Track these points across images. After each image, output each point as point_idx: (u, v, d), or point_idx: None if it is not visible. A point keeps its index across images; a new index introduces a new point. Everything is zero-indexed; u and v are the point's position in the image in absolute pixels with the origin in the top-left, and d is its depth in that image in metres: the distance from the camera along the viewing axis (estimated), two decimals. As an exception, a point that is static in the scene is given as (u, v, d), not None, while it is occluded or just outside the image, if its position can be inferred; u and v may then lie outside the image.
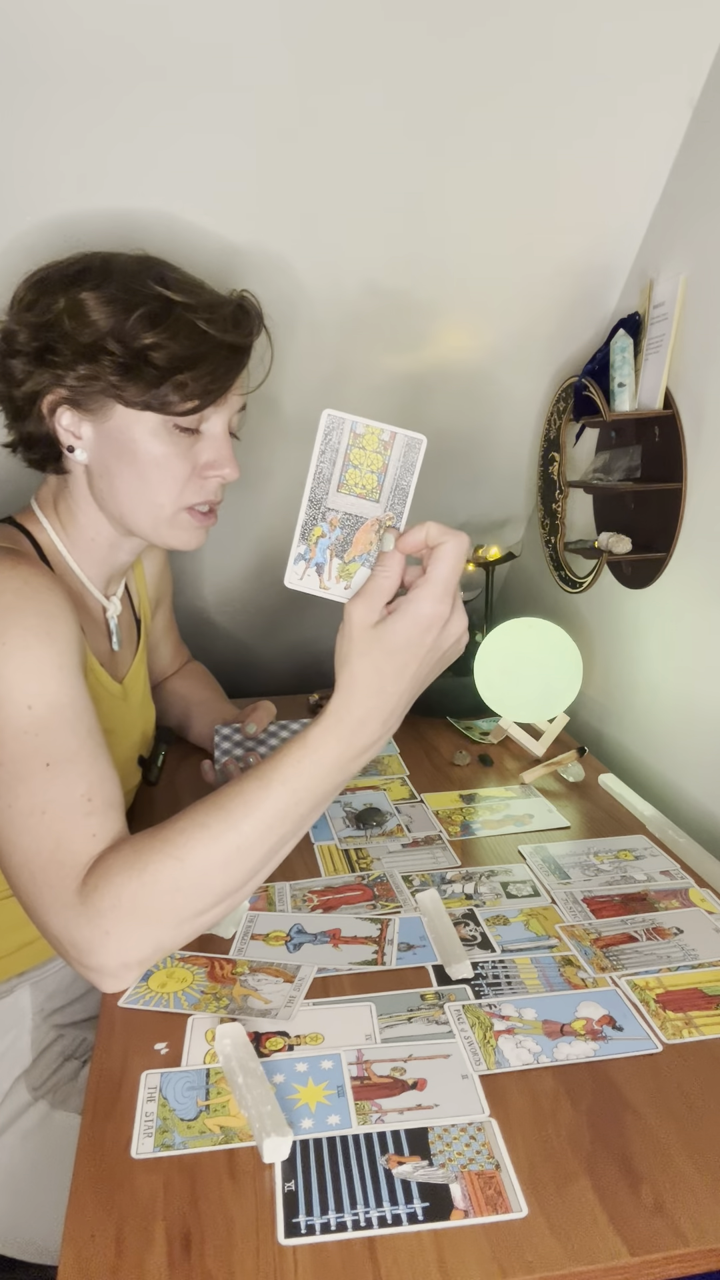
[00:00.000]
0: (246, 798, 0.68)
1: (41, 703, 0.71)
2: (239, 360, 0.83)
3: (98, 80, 0.85)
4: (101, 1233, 0.51)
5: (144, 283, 0.79)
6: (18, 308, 0.81)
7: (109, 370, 0.78)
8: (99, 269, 0.80)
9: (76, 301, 0.78)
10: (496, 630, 1.20)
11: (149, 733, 1.09)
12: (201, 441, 0.84)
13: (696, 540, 1.02)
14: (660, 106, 0.96)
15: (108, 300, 0.78)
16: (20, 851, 0.68)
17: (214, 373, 0.80)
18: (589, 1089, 0.61)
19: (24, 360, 0.80)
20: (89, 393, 0.79)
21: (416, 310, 1.15)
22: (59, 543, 0.89)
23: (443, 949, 0.75)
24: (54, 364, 0.79)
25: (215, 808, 0.68)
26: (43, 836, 0.68)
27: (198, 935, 0.72)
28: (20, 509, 0.91)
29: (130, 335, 0.77)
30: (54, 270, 0.81)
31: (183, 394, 0.79)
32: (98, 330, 0.77)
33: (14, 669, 0.70)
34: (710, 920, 0.80)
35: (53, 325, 0.78)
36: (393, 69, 0.89)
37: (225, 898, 0.69)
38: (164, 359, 0.77)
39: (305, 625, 1.63)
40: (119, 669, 0.99)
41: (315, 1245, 0.50)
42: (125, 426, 0.81)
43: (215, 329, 0.79)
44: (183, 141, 0.91)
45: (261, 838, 0.67)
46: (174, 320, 0.78)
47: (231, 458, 0.86)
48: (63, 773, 0.70)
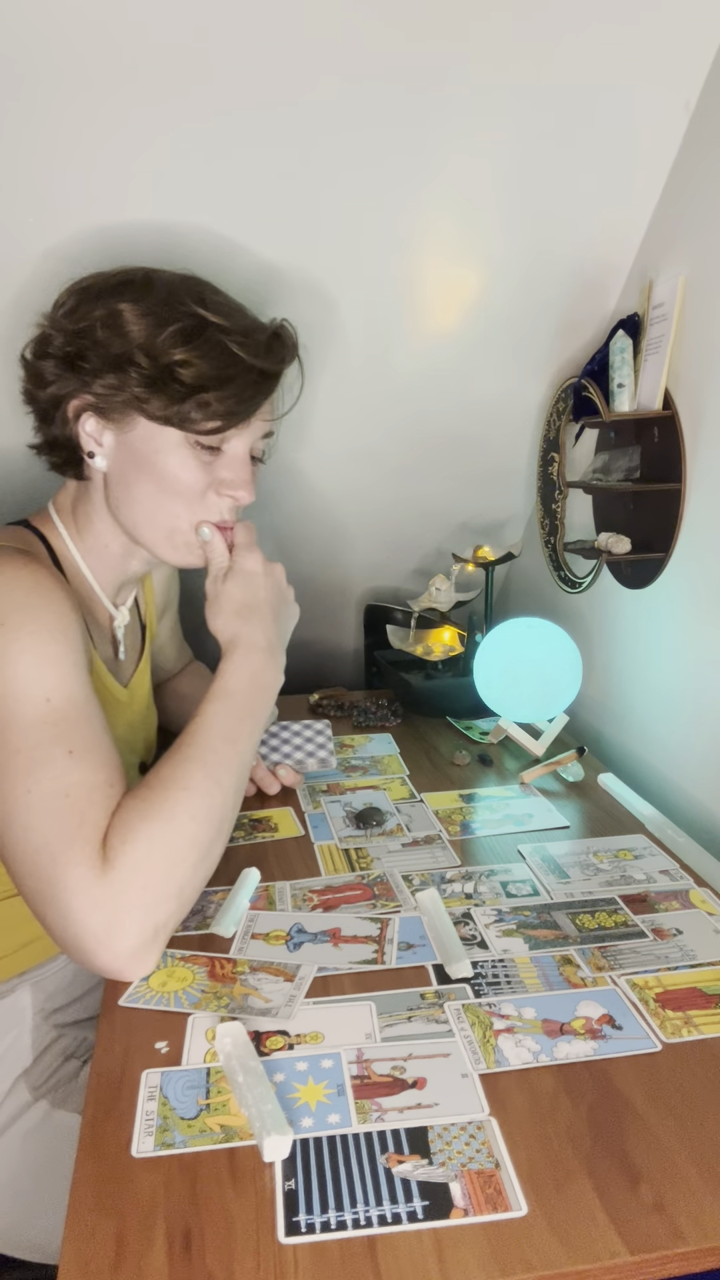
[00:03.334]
0: (197, 742, 0.77)
1: (60, 695, 0.72)
2: (267, 386, 0.84)
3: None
4: (101, 1232, 0.51)
5: (182, 300, 0.80)
6: (57, 312, 0.82)
7: (135, 382, 0.78)
8: (141, 283, 0.81)
9: (114, 312, 0.79)
10: (496, 630, 1.20)
11: (151, 740, 1.10)
12: (221, 460, 0.85)
13: (696, 540, 1.03)
14: (659, 108, 0.96)
15: (144, 314, 0.79)
16: (40, 834, 0.68)
17: (240, 395, 0.81)
18: (588, 1088, 0.61)
19: (55, 364, 0.81)
20: (114, 402, 0.80)
21: (416, 310, 1.15)
22: (72, 548, 0.89)
23: (442, 948, 0.75)
24: (83, 370, 0.80)
25: (183, 760, 0.75)
26: (66, 817, 0.68)
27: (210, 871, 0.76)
28: (37, 512, 0.92)
29: (160, 350, 0.78)
30: (98, 280, 0.83)
31: (206, 413, 0.80)
32: (129, 342, 0.78)
33: (32, 663, 0.72)
34: (710, 921, 0.80)
35: (87, 333, 0.79)
36: (394, 70, 0.89)
37: (222, 823, 0.76)
38: (191, 376, 0.78)
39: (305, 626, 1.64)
40: (123, 675, 0.99)
41: (315, 1244, 0.50)
42: (147, 438, 0.81)
43: (247, 352, 0.80)
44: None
45: (219, 775, 0.77)
46: (206, 339, 0.79)
47: (248, 481, 0.86)
48: (86, 759, 0.71)
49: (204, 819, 0.74)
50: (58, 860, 0.67)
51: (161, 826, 0.71)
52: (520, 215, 1.05)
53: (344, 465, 1.35)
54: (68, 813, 0.69)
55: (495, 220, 1.05)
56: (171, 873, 0.71)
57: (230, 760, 0.78)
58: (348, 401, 1.24)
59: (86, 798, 0.70)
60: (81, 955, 0.68)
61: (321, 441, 1.29)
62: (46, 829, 0.68)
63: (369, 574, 1.59)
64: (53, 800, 0.69)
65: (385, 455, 1.35)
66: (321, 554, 1.51)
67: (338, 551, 1.52)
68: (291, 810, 1.04)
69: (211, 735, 0.78)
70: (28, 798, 0.69)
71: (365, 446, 1.33)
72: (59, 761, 0.70)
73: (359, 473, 1.37)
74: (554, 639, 1.18)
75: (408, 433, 1.32)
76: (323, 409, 1.22)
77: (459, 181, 1.00)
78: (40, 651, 0.72)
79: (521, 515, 1.52)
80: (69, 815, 0.69)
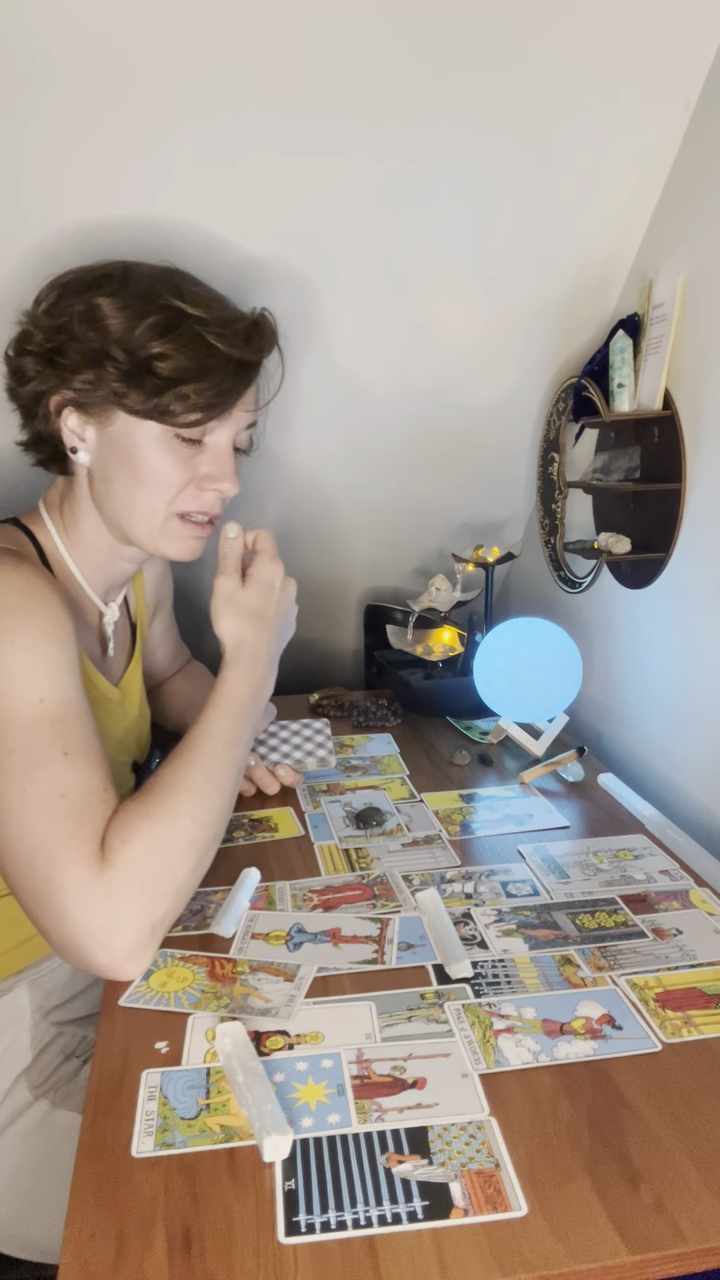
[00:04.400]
0: (200, 747, 0.78)
1: (54, 696, 0.73)
2: (246, 376, 0.84)
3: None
4: (101, 1232, 0.51)
5: (159, 293, 0.79)
6: (37, 308, 0.82)
7: (113, 377, 0.78)
8: (119, 276, 0.81)
9: (92, 306, 0.79)
10: (496, 630, 1.20)
11: (144, 739, 1.10)
12: (204, 453, 0.85)
13: (696, 540, 1.03)
14: (659, 109, 0.96)
15: (121, 308, 0.78)
16: (36, 834, 0.68)
17: (219, 386, 0.80)
18: (588, 1088, 0.61)
19: (35, 360, 0.81)
20: (94, 397, 0.80)
21: (416, 311, 1.15)
22: (61, 546, 0.89)
23: (442, 948, 0.75)
24: (62, 366, 0.80)
25: (185, 764, 0.77)
26: (63, 817, 0.69)
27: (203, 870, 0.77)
28: (27, 510, 0.92)
29: (137, 344, 0.78)
30: (77, 275, 0.82)
31: (185, 405, 0.79)
32: (106, 337, 0.78)
33: (26, 665, 0.72)
34: (710, 921, 0.80)
35: (65, 328, 0.79)
36: (393, 73, 0.89)
37: (218, 821, 0.78)
38: (169, 369, 0.78)
39: (305, 626, 1.63)
40: (113, 674, 0.99)
41: (315, 1244, 0.50)
42: (127, 432, 0.81)
43: (224, 343, 0.80)
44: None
45: (219, 780, 0.78)
46: (183, 332, 0.79)
47: (232, 473, 0.86)
48: (81, 760, 0.72)
49: (204, 821, 0.75)
50: (54, 860, 0.67)
51: (163, 827, 0.71)
52: (520, 215, 1.05)
53: (344, 465, 1.35)
54: (65, 813, 0.69)
55: (495, 220, 1.05)
56: (170, 873, 0.71)
57: (229, 765, 0.80)
58: (348, 401, 1.24)
59: (84, 799, 0.70)
60: (78, 955, 0.68)
61: (321, 441, 1.29)
62: (43, 829, 0.68)
63: (369, 574, 1.59)
64: (49, 801, 0.69)
65: (385, 455, 1.35)
66: (321, 554, 1.51)
67: (338, 551, 1.52)
68: (291, 810, 1.04)
69: (215, 740, 0.79)
70: (23, 798, 0.69)
71: (365, 446, 1.33)
72: (55, 762, 0.70)
73: (359, 472, 1.37)
74: (554, 639, 1.18)
75: (408, 433, 1.32)
76: (323, 409, 1.23)
77: (458, 181, 1.00)
78: (35, 653, 0.72)
79: (521, 515, 1.52)
80: (66, 816, 0.69)
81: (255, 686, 0.85)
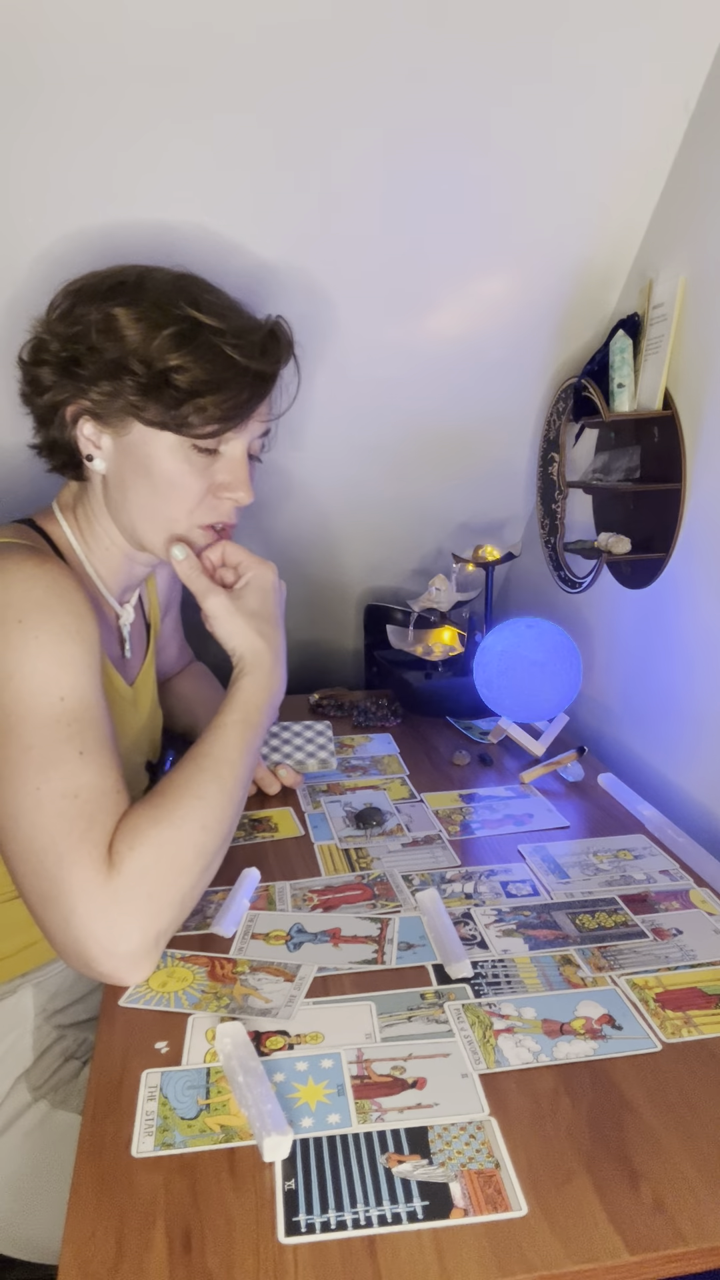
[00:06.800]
0: (214, 754, 0.78)
1: (74, 696, 0.73)
2: (263, 388, 0.83)
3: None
4: (101, 1232, 0.51)
5: (176, 303, 0.79)
6: (52, 315, 0.82)
7: (130, 389, 0.78)
8: (134, 284, 0.80)
9: (108, 316, 0.78)
10: (496, 630, 1.20)
11: (156, 738, 1.10)
12: (219, 462, 0.84)
13: (696, 540, 1.03)
14: (659, 109, 0.96)
15: (138, 318, 0.78)
16: (47, 834, 0.68)
17: (236, 398, 0.80)
18: (588, 1088, 0.61)
19: (51, 370, 0.81)
20: (111, 408, 0.80)
21: (416, 310, 1.15)
22: (77, 546, 0.89)
23: (442, 948, 0.75)
24: (78, 376, 0.79)
25: (198, 770, 0.77)
26: (75, 818, 0.68)
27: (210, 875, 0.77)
28: (40, 510, 0.92)
29: (155, 355, 0.77)
30: (91, 282, 0.82)
31: (202, 416, 0.79)
32: (124, 348, 0.78)
33: (49, 662, 0.72)
34: (710, 921, 0.80)
35: (81, 338, 0.79)
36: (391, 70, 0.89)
37: (226, 824, 0.78)
38: (186, 381, 0.78)
39: (305, 626, 1.64)
40: (129, 673, 1.00)
41: (315, 1244, 0.50)
42: (143, 442, 0.81)
43: (242, 355, 0.79)
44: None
45: (231, 789, 0.78)
46: (201, 343, 0.78)
47: (246, 482, 0.86)
48: (96, 761, 0.72)
49: (213, 829, 0.75)
50: (64, 861, 0.67)
51: (171, 834, 0.71)
52: (520, 215, 1.05)
53: (344, 465, 1.35)
54: (77, 814, 0.69)
55: (495, 220, 1.05)
56: (177, 880, 0.71)
57: (241, 773, 0.80)
58: (348, 401, 1.24)
59: (96, 801, 0.70)
60: (81, 959, 0.68)
61: (321, 441, 1.29)
62: (55, 829, 0.68)
63: (369, 574, 1.59)
64: (62, 800, 0.69)
65: (385, 455, 1.35)
66: (321, 554, 1.51)
67: (337, 551, 1.52)
68: (291, 810, 1.04)
69: (228, 748, 0.79)
70: (37, 795, 0.69)
71: (365, 446, 1.33)
72: (70, 761, 0.70)
73: (359, 472, 1.37)
74: (554, 639, 1.18)
75: (408, 432, 1.32)
76: (323, 409, 1.22)
77: (459, 181, 1.00)
78: (58, 651, 0.72)
79: (521, 515, 1.52)
80: (78, 817, 0.69)
81: (270, 694, 0.85)
